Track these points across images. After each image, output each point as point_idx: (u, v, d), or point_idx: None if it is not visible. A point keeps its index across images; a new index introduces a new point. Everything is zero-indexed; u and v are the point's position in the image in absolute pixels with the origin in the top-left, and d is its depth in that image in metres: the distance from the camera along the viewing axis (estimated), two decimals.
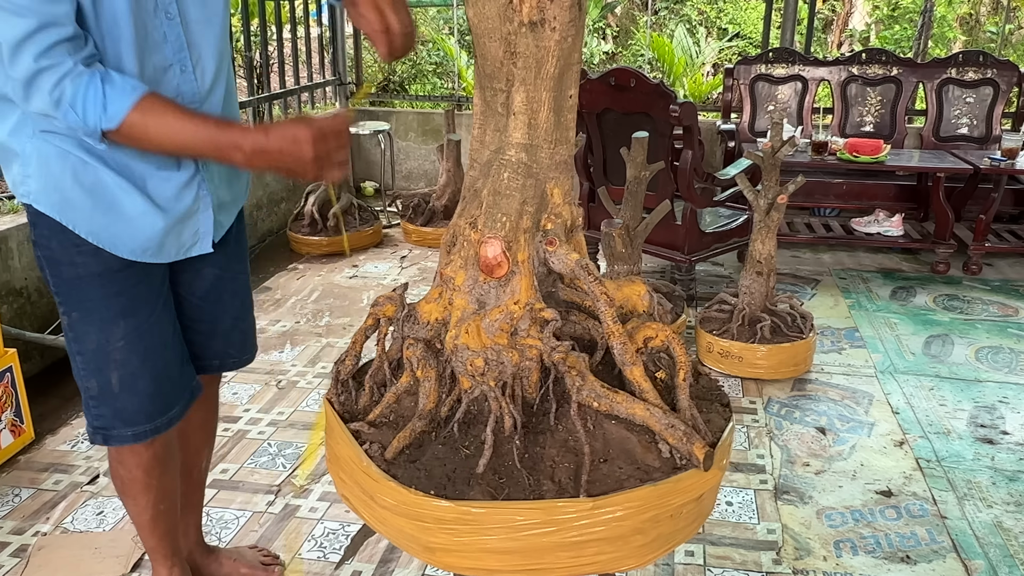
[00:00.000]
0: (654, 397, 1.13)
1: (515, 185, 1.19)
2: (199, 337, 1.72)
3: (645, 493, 1.07)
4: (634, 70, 3.67)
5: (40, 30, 1.19)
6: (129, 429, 1.56)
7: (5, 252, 2.93)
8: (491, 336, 1.15)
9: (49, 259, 1.47)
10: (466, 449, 1.15)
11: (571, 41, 1.15)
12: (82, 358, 1.53)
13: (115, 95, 1.23)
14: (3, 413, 2.52)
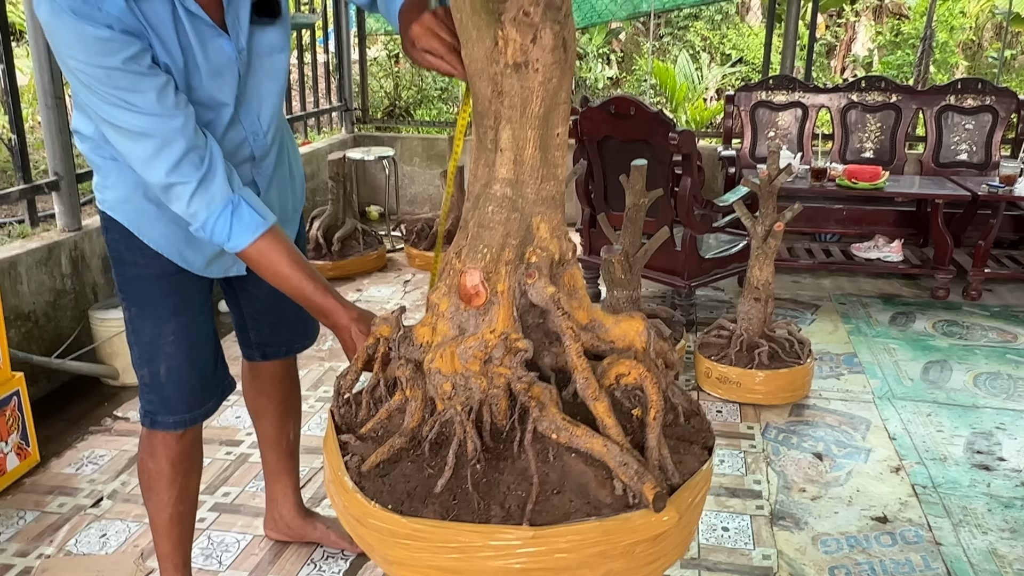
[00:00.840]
0: (617, 433, 1.15)
1: (498, 218, 1.23)
2: (268, 328, 1.99)
3: (589, 528, 1.09)
4: (634, 98, 3.73)
5: (163, 148, 1.38)
6: (171, 416, 1.77)
7: (14, 277, 2.99)
8: (464, 362, 1.19)
9: (117, 260, 1.70)
10: (430, 469, 1.19)
11: (555, 82, 1.20)
12: (138, 348, 1.74)
13: (240, 230, 1.44)
14: (10, 436, 2.57)
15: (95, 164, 1.61)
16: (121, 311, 1.77)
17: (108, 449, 2.80)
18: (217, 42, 1.47)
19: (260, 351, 2.03)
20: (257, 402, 2.14)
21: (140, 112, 1.36)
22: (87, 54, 1.31)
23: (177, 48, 1.42)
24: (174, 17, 1.41)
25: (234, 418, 2.98)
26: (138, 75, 1.34)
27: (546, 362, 1.28)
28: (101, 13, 1.30)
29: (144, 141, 1.38)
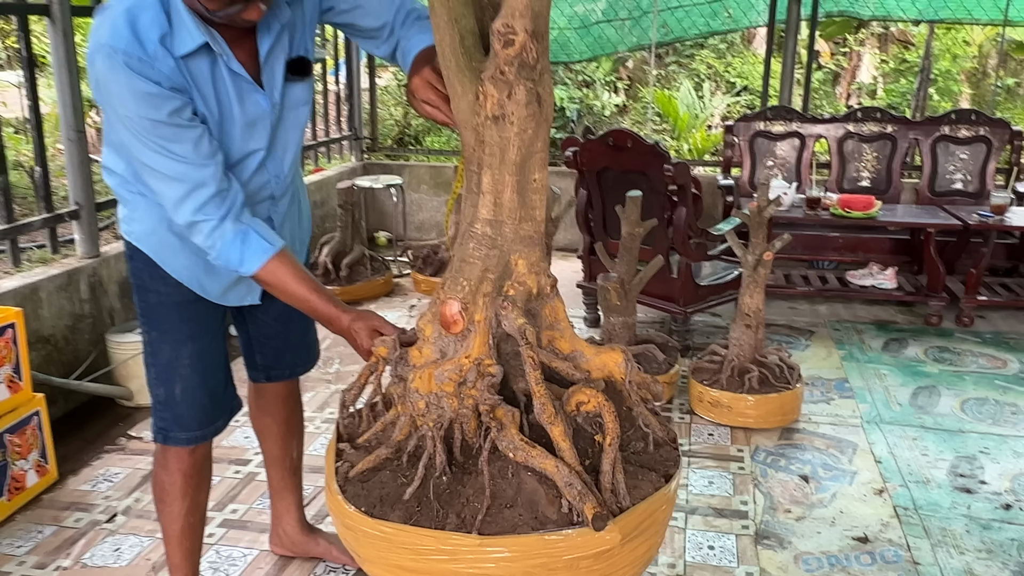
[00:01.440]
0: (570, 456, 1.27)
1: (478, 254, 1.36)
2: (273, 351, 2.12)
3: (532, 540, 1.21)
4: (631, 131, 3.87)
5: (193, 191, 1.55)
6: (183, 433, 1.91)
7: (36, 301, 3.13)
8: (439, 383, 1.32)
9: (140, 287, 1.85)
10: (404, 478, 1.32)
11: (531, 133, 1.33)
12: (155, 369, 1.88)
13: (249, 255, 1.61)
14: (30, 454, 2.70)
15: (123, 198, 1.77)
16: (138, 334, 1.94)
17: (122, 467, 2.92)
18: (253, 97, 1.64)
19: (265, 373, 2.17)
20: (262, 422, 2.27)
21: (177, 159, 1.52)
22: (137, 106, 1.47)
23: (215, 102, 1.59)
24: (217, 75, 1.58)
25: (243, 438, 3.10)
26: (179, 127, 1.50)
27: (520, 387, 1.40)
28: (154, 71, 1.47)
29: (176, 185, 1.55)
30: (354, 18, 1.73)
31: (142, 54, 1.46)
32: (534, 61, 1.31)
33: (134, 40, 1.46)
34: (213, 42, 1.54)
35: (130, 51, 1.45)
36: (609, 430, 1.34)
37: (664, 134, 9.53)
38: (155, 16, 1.48)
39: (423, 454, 1.35)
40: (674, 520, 2.61)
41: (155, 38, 1.48)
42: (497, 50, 1.30)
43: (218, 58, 1.57)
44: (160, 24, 1.49)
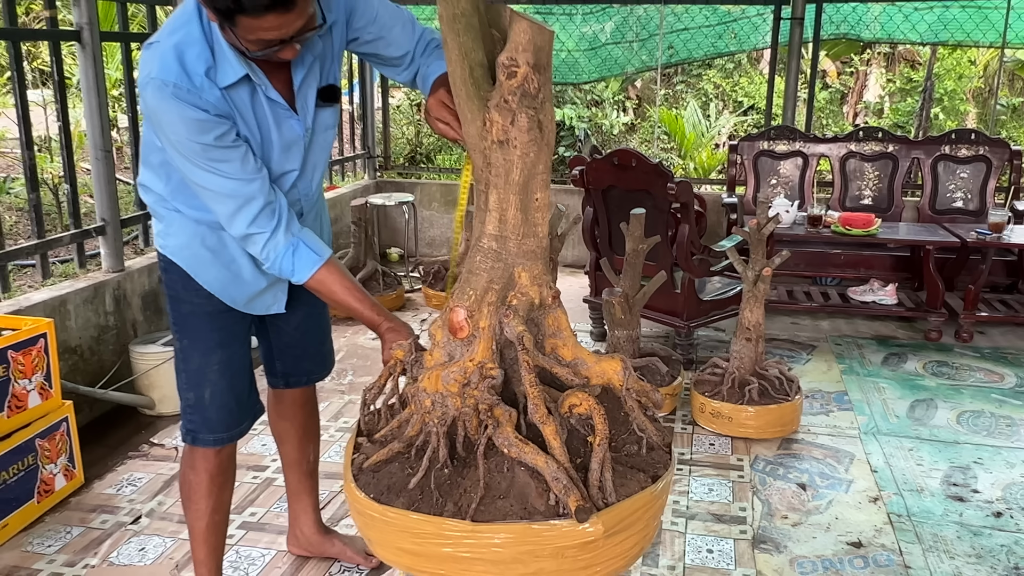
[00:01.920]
0: (560, 453, 1.38)
1: (484, 267, 1.48)
2: (292, 359, 2.25)
3: (520, 528, 1.32)
4: (635, 151, 4.00)
5: (244, 205, 1.69)
6: (211, 435, 2.04)
7: (64, 313, 3.27)
8: (445, 384, 1.44)
9: (173, 298, 1.99)
10: (411, 469, 1.44)
11: (532, 156, 1.45)
12: (186, 375, 2.01)
13: (301, 265, 1.75)
14: (58, 458, 2.83)
15: (159, 215, 1.91)
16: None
17: (145, 473, 3.05)
18: (289, 122, 1.79)
19: (284, 380, 2.29)
20: (280, 426, 2.39)
21: (227, 177, 1.66)
22: (187, 132, 1.61)
23: (256, 127, 1.74)
24: (256, 103, 1.73)
25: (260, 446, 3.23)
26: (226, 148, 1.65)
27: (520, 390, 1.52)
28: (201, 100, 1.62)
29: (229, 201, 1.69)
30: (377, 48, 1.87)
31: (190, 86, 1.60)
32: (535, 91, 1.44)
33: (182, 73, 1.60)
34: (253, 74, 1.68)
35: (179, 83, 1.59)
36: (598, 431, 1.46)
37: (671, 152, 9.67)
38: (200, 51, 1.63)
39: (428, 448, 1.47)
40: (674, 524, 2.72)
41: (201, 71, 1.62)
42: (502, 81, 1.43)
43: (257, 88, 1.71)
44: (205, 59, 1.63)
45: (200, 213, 1.86)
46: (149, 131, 1.81)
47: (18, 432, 2.67)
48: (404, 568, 1.46)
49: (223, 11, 1.51)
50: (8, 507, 2.62)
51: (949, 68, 10.36)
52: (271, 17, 1.51)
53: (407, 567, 1.45)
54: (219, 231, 1.89)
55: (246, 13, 1.49)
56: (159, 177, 1.86)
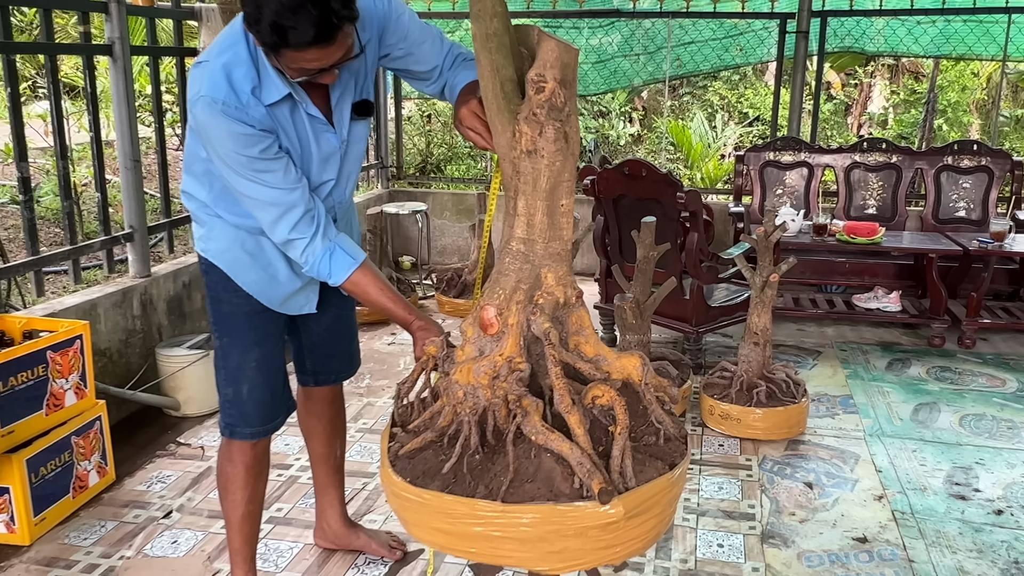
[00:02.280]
0: (584, 441, 1.49)
1: (513, 268, 1.60)
2: (322, 358, 2.36)
3: (546, 509, 1.42)
4: (645, 161, 4.11)
5: (285, 213, 1.81)
6: (248, 428, 2.16)
7: (94, 317, 3.39)
8: (476, 377, 1.55)
9: (214, 298, 2.11)
10: (444, 456, 1.54)
11: (559, 165, 1.57)
12: (225, 372, 2.13)
13: (337, 268, 1.87)
14: (92, 456, 2.94)
15: (201, 220, 2.04)
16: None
17: (174, 470, 3.16)
18: (326, 135, 1.92)
19: (314, 378, 2.41)
20: (309, 423, 2.50)
21: (270, 187, 1.78)
22: (234, 145, 1.73)
23: (297, 141, 1.87)
24: (297, 118, 1.85)
25: (283, 445, 3.33)
26: (269, 160, 1.77)
27: (546, 383, 1.63)
28: (247, 116, 1.74)
29: (272, 209, 1.81)
30: (408, 63, 1.99)
31: (237, 103, 1.73)
32: (562, 104, 1.56)
33: (230, 91, 1.73)
34: (295, 93, 1.81)
35: (227, 100, 1.72)
36: (620, 421, 1.56)
37: (678, 163, 9.78)
38: (247, 71, 1.75)
39: (460, 436, 1.57)
40: (686, 521, 2.82)
41: (247, 89, 1.75)
42: (531, 95, 1.55)
43: (298, 104, 1.83)
44: (251, 78, 1.75)
45: (240, 219, 1.98)
46: (194, 142, 1.93)
47: (55, 429, 2.79)
48: (438, 547, 1.56)
49: (270, 45, 1.64)
50: (46, 501, 2.73)
51: (952, 80, 10.46)
52: (313, 51, 1.63)
53: (441, 546, 1.55)
54: (257, 236, 2.01)
55: (290, 48, 1.62)
56: (202, 185, 1.99)
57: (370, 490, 3.01)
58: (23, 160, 3.13)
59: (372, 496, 2.97)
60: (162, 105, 4.05)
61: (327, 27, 1.60)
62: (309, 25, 1.58)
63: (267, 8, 1.58)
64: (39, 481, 2.69)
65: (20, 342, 2.81)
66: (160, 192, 4.05)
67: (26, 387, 2.67)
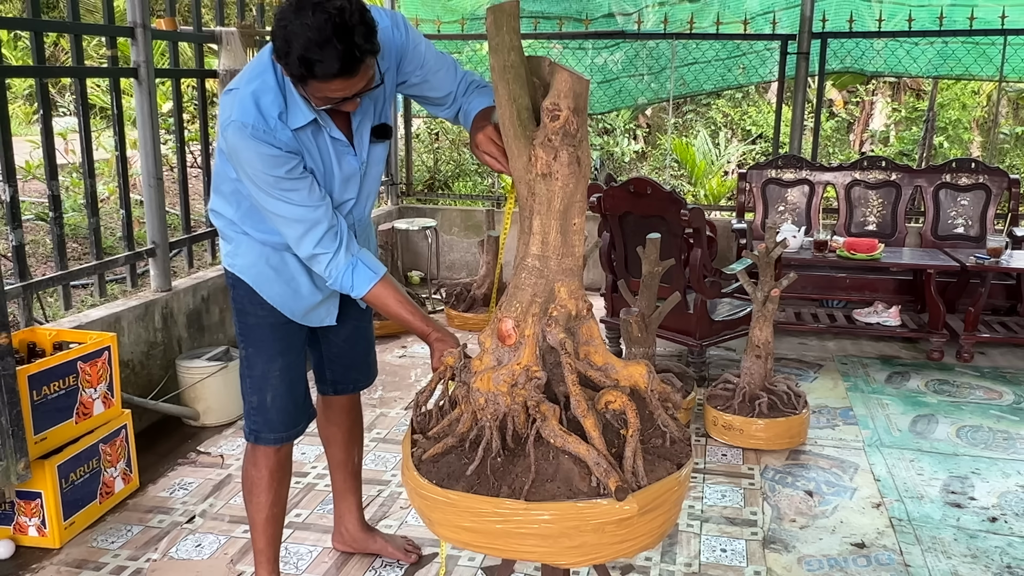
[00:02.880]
0: (599, 443, 1.60)
1: (529, 282, 1.71)
2: (341, 368, 2.48)
3: (566, 506, 1.53)
4: (650, 179, 4.24)
5: (310, 229, 1.93)
6: (272, 434, 2.28)
7: (118, 329, 3.51)
8: (496, 385, 1.66)
9: (240, 311, 2.23)
10: (467, 459, 1.66)
11: (572, 187, 1.69)
12: (250, 380, 2.25)
13: (359, 281, 1.98)
14: (118, 463, 3.06)
15: (228, 237, 2.16)
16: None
17: (195, 478, 3.27)
18: (348, 157, 2.04)
19: (333, 387, 2.53)
20: (328, 430, 2.62)
21: (296, 204, 1.91)
22: (263, 166, 1.86)
23: (320, 162, 1.99)
24: (320, 141, 1.98)
25: (300, 454, 3.44)
26: (295, 180, 1.89)
27: (560, 390, 1.75)
28: (275, 139, 1.87)
29: (297, 225, 1.93)
30: (423, 90, 2.11)
31: (265, 127, 1.86)
32: (575, 131, 1.68)
33: (259, 116, 1.86)
34: (320, 118, 1.94)
35: (256, 125, 1.85)
36: (631, 424, 1.68)
37: (682, 179, 9.92)
38: (275, 98, 1.89)
39: (482, 440, 1.69)
40: (690, 526, 2.92)
41: (275, 115, 1.88)
42: (546, 122, 1.67)
43: (322, 128, 1.96)
44: (278, 104, 1.89)
45: (266, 235, 2.11)
46: (224, 165, 2.06)
47: (84, 437, 2.90)
48: (463, 545, 1.67)
49: (297, 76, 1.77)
50: (75, 506, 2.84)
51: (953, 98, 10.60)
52: (338, 82, 1.76)
53: (465, 544, 1.66)
54: (282, 252, 2.13)
55: (317, 79, 1.75)
56: (230, 204, 2.11)
57: (385, 496, 3.12)
58: (54, 179, 3.26)
59: (387, 502, 3.08)
60: (183, 126, 4.19)
61: (351, 60, 1.73)
62: (335, 59, 1.71)
63: (295, 43, 1.71)
64: (69, 487, 2.81)
65: (51, 353, 2.93)
66: (180, 209, 4.18)
67: (58, 396, 2.79)
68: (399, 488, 3.18)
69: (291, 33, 1.70)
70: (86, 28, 3.58)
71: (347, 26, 1.69)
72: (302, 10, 1.69)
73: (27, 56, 10.37)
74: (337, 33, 1.69)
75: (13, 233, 3.09)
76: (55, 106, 8.68)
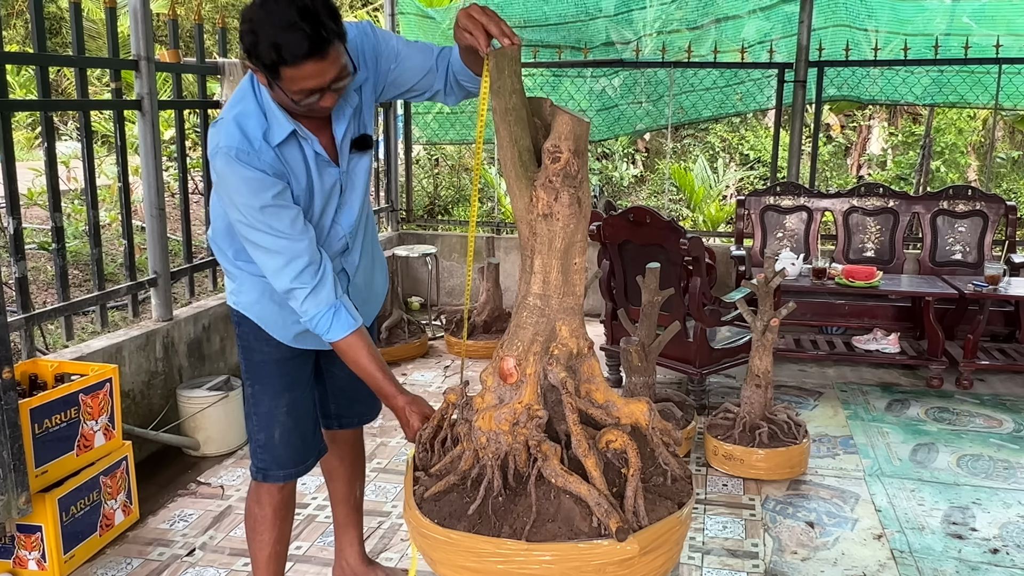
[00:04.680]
0: (600, 482, 1.61)
1: (530, 321, 1.73)
2: (346, 401, 2.46)
3: (567, 547, 1.54)
4: (649, 208, 4.27)
5: (291, 261, 1.90)
6: (281, 471, 2.26)
7: (119, 359, 3.52)
8: (497, 423, 1.67)
9: (245, 347, 2.22)
10: (468, 498, 1.66)
11: (572, 227, 1.71)
12: (257, 418, 2.24)
13: (336, 327, 1.94)
14: (118, 495, 3.05)
15: (232, 274, 2.17)
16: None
17: (195, 509, 3.27)
18: (328, 171, 2.03)
19: (337, 421, 2.52)
20: (331, 464, 2.61)
21: (278, 234, 1.89)
22: (249, 191, 1.86)
23: (304, 178, 1.98)
24: (304, 157, 1.97)
25: (301, 485, 3.43)
26: (281, 207, 1.88)
27: (562, 428, 1.76)
28: (260, 161, 1.87)
29: (277, 256, 1.90)
30: (405, 79, 2.05)
31: (250, 149, 1.86)
32: (575, 172, 1.70)
33: (244, 139, 1.87)
34: (299, 128, 1.93)
35: (241, 147, 1.85)
36: (632, 463, 1.69)
37: (680, 204, 9.96)
38: (257, 121, 1.90)
39: (484, 479, 1.69)
40: (691, 559, 2.91)
41: (259, 136, 1.88)
42: (547, 164, 1.70)
43: (303, 143, 1.95)
44: (261, 124, 1.89)
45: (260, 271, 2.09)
46: (218, 199, 2.05)
47: (85, 470, 2.90)
48: None
49: (268, 65, 1.77)
50: (75, 539, 2.83)
51: (949, 122, 10.67)
52: (309, 65, 1.76)
53: None
54: None
55: (287, 64, 1.75)
56: (226, 240, 2.12)
57: (386, 528, 3.12)
58: (57, 210, 3.28)
59: (388, 534, 3.08)
60: (186, 155, 4.22)
61: (319, 41, 1.74)
62: (303, 40, 1.73)
63: (263, 32, 1.74)
64: (69, 520, 2.80)
65: (52, 385, 2.94)
66: (182, 236, 4.20)
67: (59, 429, 2.79)
68: (399, 520, 3.18)
69: (257, 24, 1.73)
70: (91, 61, 3.62)
71: (310, 9, 1.72)
72: (265, 2, 1.73)
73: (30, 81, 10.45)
74: (302, 15, 1.71)
75: (16, 265, 3.11)
76: (58, 133, 8.73)
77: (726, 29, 6.33)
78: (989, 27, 5.76)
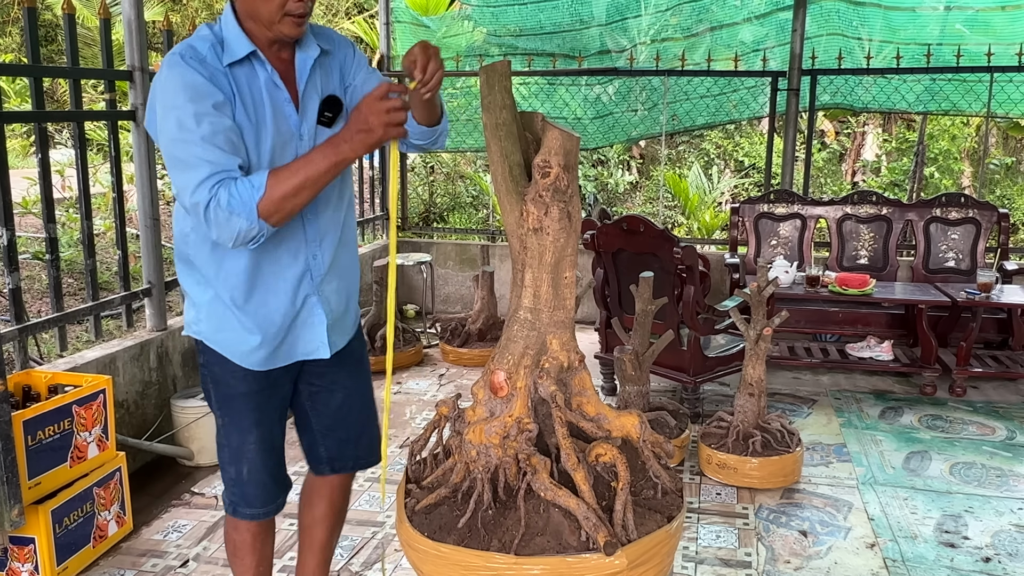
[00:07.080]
0: (589, 496, 1.63)
1: (521, 335, 1.74)
2: (336, 443, 2.22)
3: (555, 561, 1.56)
4: (643, 217, 4.28)
5: (215, 173, 1.73)
6: (249, 509, 2.16)
7: (114, 370, 3.52)
8: (488, 437, 1.68)
9: (213, 380, 2.08)
10: (458, 511, 1.67)
11: (563, 241, 1.72)
12: (228, 451, 2.13)
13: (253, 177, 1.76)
14: (112, 506, 3.05)
15: (193, 300, 2.03)
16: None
17: (189, 520, 3.26)
18: (286, 109, 1.88)
19: (330, 465, 2.26)
20: (317, 509, 2.33)
21: (212, 146, 1.74)
22: (186, 97, 1.74)
23: (253, 111, 1.85)
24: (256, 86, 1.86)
25: (294, 495, 3.43)
26: (220, 118, 1.77)
27: (552, 442, 1.77)
28: (204, 67, 1.79)
29: (205, 167, 1.72)
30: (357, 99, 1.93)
31: (195, 55, 1.81)
32: (565, 187, 1.72)
33: (191, 48, 1.82)
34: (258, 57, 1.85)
35: (186, 53, 1.80)
36: (621, 477, 1.70)
37: (675, 211, 9.99)
38: (212, 44, 1.84)
39: (474, 492, 1.70)
40: (684, 569, 2.92)
41: (207, 48, 1.83)
42: (537, 179, 1.71)
43: (257, 66, 1.86)
44: (212, 43, 1.84)
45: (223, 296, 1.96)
46: (182, 220, 1.96)
47: (78, 481, 2.90)
48: None
49: None
50: (68, 551, 2.83)
51: (942, 129, 10.71)
52: None
53: None
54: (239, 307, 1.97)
55: None
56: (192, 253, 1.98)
57: (379, 539, 3.12)
58: (51, 221, 3.29)
59: (381, 545, 3.08)
60: None
61: None
62: None
63: None
64: (62, 531, 2.80)
65: (46, 396, 2.94)
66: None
67: (52, 440, 2.79)
68: (392, 530, 3.18)
69: None
70: (85, 73, 3.63)
71: None
72: None
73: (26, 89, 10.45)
74: None
75: (10, 276, 3.11)
76: (52, 141, 8.74)
77: (720, 37, 6.36)
78: (981, 35, 5.79)
